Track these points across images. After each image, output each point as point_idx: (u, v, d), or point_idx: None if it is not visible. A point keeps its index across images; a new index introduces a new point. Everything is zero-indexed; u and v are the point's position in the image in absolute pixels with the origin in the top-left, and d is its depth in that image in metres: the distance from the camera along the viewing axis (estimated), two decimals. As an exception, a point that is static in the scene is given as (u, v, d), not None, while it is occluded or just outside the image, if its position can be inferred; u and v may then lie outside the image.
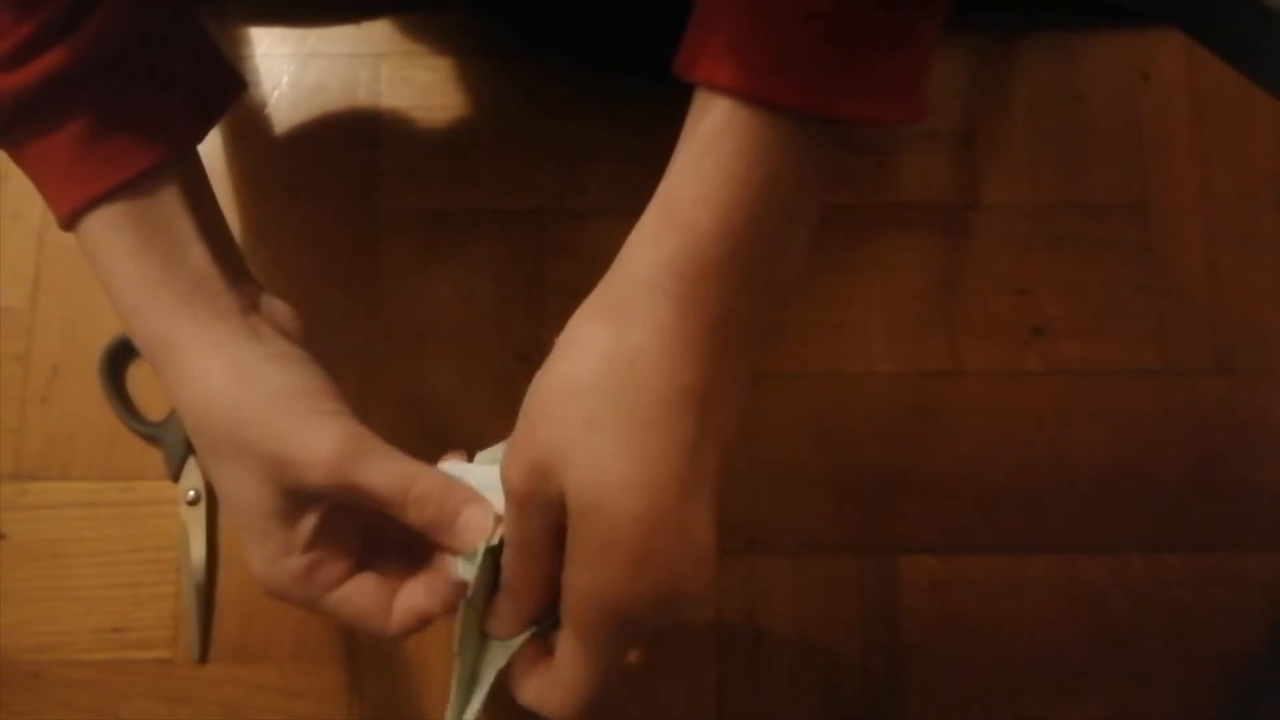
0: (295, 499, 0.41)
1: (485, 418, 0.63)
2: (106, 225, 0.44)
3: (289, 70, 0.69)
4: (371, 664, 0.60)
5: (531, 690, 0.41)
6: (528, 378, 0.57)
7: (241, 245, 0.64)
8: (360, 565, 0.44)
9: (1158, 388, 0.64)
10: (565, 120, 0.68)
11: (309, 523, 0.42)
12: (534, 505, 0.37)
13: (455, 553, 0.42)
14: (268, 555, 0.42)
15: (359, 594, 0.43)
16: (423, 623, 0.43)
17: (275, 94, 0.68)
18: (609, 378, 0.36)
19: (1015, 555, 0.61)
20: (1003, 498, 0.62)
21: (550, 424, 0.36)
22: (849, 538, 0.62)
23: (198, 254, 0.45)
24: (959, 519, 0.62)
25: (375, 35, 0.69)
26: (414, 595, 0.43)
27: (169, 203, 0.45)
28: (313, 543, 0.42)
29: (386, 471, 0.41)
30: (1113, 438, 0.63)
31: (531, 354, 0.64)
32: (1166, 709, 0.60)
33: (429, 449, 0.62)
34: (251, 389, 0.42)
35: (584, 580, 0.36)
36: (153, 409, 0.64)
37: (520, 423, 0.38)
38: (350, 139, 0.68)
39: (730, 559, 0.61)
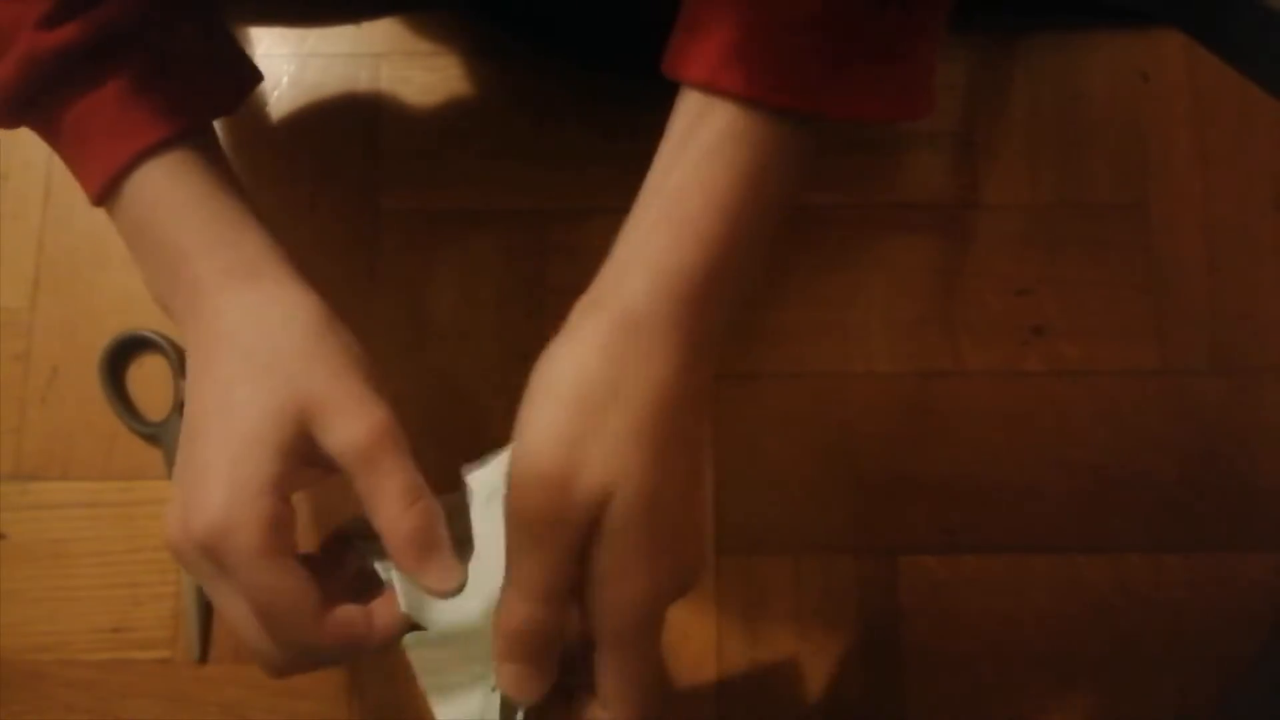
0: (297, 445, 0.40)
1: (485, 417, 0.63)
2: (171, 171, 0.43)
3: (288, 70, 0.69)
4: (372, 664, 0.60)
5: None
6: (528, 377, 0.57)
7: None
8: None
9: (1157, 388, 0.64)
10: (565, 121, 0.67)
11: (292, 467, 0.40)
12: (561, 528, 0.37)
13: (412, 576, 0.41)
14: (235, 482, 0.38)
15: (300, 574, 0.39)
16: (351, 642, 0.40)
17: (275, 94, 0.68)
18: (627, 398, 0.37)
19: (1015, 555, 0.61)
20: (1002, 498, 0.62)
21: (578, 445, 0.37)
22: (848, 538, 0.62)
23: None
24: (959, 519, 0.62)
25: (375, 35, 0.69)
26: (354, 612, 0.41)
27: (225, 163, 0.45)
28: (286, 489, 0.39)
29: (408, 474, 0.41)
30: (1112, 438, 0.63)
31: (532, 353, 0.63)
32: (1165, 708, 0.59)
33: (428, 448, 0.62)
34: (335, 336, 0.43)
35: (625, 591, 0.37)
36: (153, 409, 0.64)
37: (529, 441, 0.38)
38: (349, 139, 0.68)
39: (730, 559, 0.61)
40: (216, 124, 0.48)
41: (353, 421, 0.40)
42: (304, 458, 0.40)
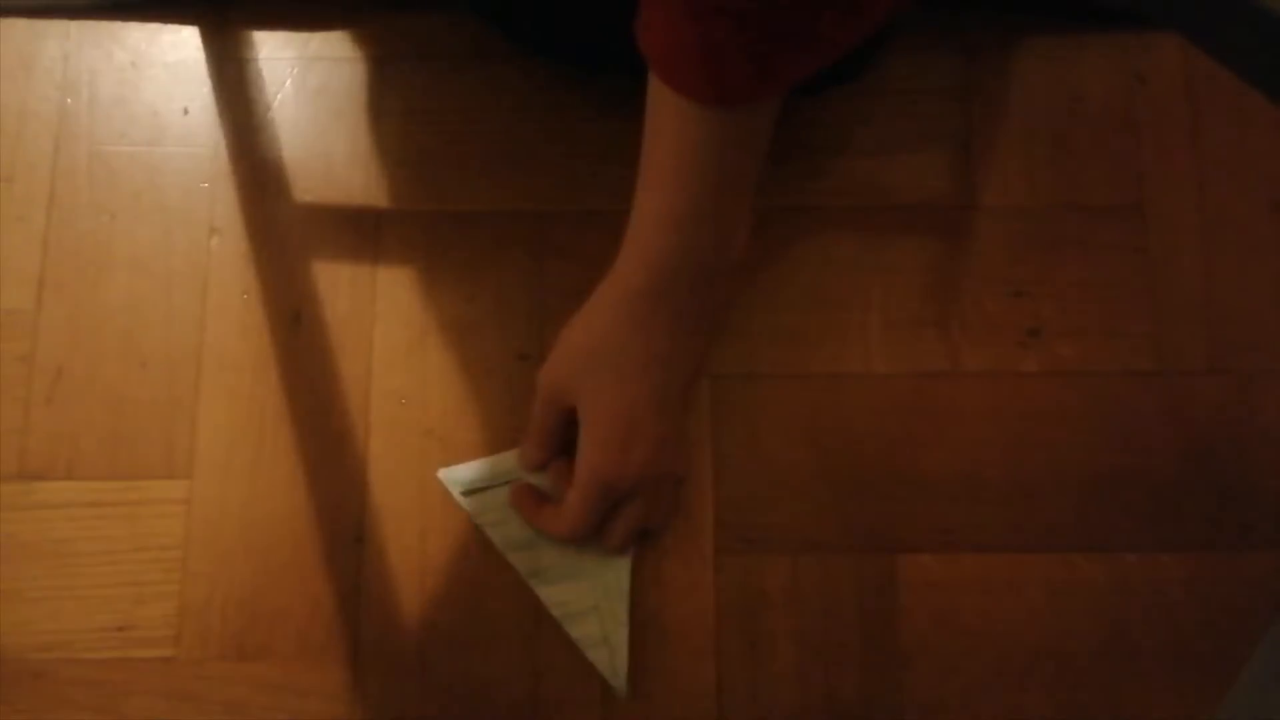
0: None
1: (486, 416, 0.64)
2: None
3: (291, 73, 0.69)
4: (375, 661, 0.61)
5: (543, 520, 0.60)
6: (528, 376, 0.59)
7: (246, 247, 0.66)
8: None
9: (1153, 388, 0.64)
10: (565, 123, 0.68)
11: None
12: (551, 402, 0.58)
13: None
14: None
15: None
16: None
17: (278, 97, 0.69)
18: (606, 346, 0.56)
19: (1012, 554, 0.62)
20: (999, 497, 0.62)
21: (571, 366, 0.57)
22: (847, 537, 0.62)
23: None
24: (956, 518, 0.62)
25: (377, 38, 0.69)
26: None
27: None
28: None
29: None
30: (1108, 438, 0.63)
31: (531, 353, 0.64)
32: (1162, 706, 0.60)
33: (430, 446, 0.63)
34: None
35: (589, 460, 0.57)
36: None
37: (551, 355, 0.58)
38: (352, 141, 0.68)
39: (729, 558, 0.62)
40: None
41: None
42: None
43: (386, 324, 0.65)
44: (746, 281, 0.65)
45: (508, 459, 0.62)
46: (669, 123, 0.50)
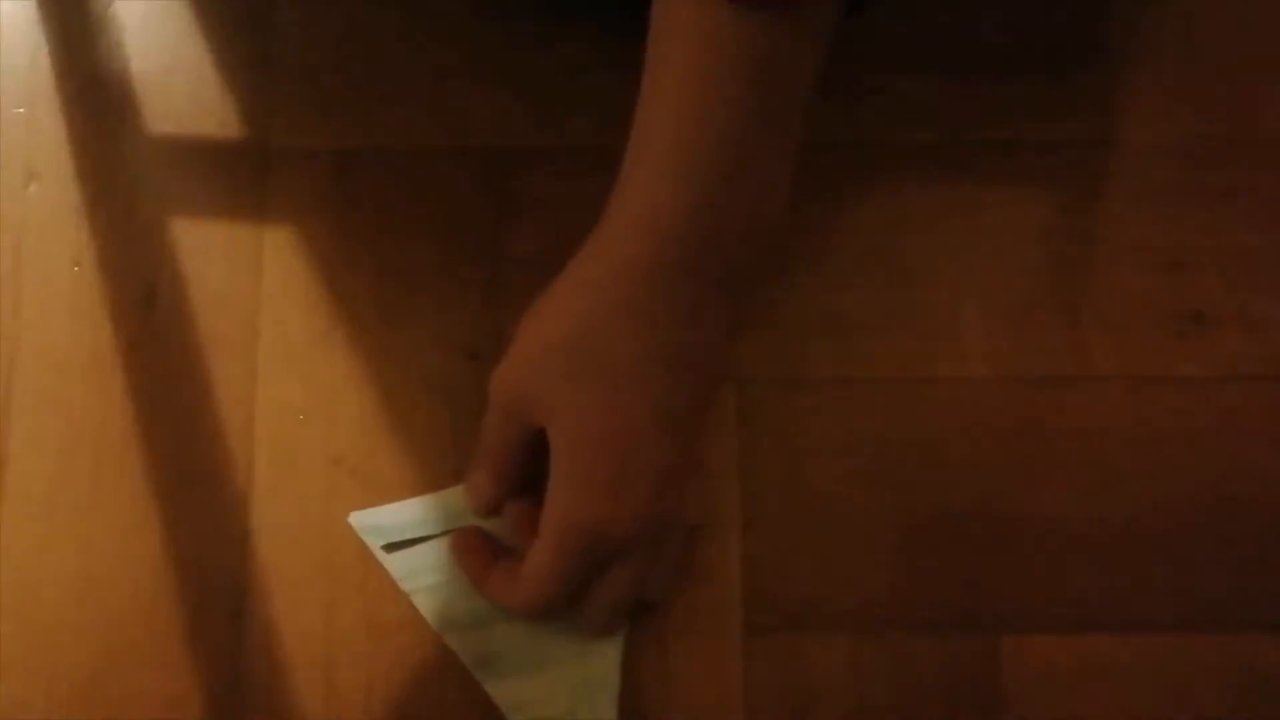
0: None
1: (419, 439, 0.55)
2: None
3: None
4: (369, 666, 0.55)
5: (495, 585, 0.52)
6: (479, 382, 0.53)
7: (77, 198, 0.59)
8: None
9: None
10: (536, 22, 0.59)
11: None
12: (510, 419, 0.51)
13: None
14: None
15: None
16: None
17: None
18: (588, 343, 0.48)
19: (1167, 634, 0.53)
20: (1150, 555, 0.54)
21: (537, 369, 0.49)
22: (930, 611, 0.54)
23: None
24: (1087, 585, 0.54)
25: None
26: None
27: None
28: None
29: None
30: (1304, 469, 0.55)
31: (484, 351, 0.56)
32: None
33: (339, 481, 0.56)
34: None
35: (564, 502, 0.49)
36: None
37: (510, 354, 0.50)
38: (230, 49, 0.60)
39: (763, 640, 0.53)
40: None
41: None
42: None
43: (278, 308, 0.57)
44: (787, 251, 0.57)
45: (448, 499, 0.55)
46: (686, 27, 0.44)
